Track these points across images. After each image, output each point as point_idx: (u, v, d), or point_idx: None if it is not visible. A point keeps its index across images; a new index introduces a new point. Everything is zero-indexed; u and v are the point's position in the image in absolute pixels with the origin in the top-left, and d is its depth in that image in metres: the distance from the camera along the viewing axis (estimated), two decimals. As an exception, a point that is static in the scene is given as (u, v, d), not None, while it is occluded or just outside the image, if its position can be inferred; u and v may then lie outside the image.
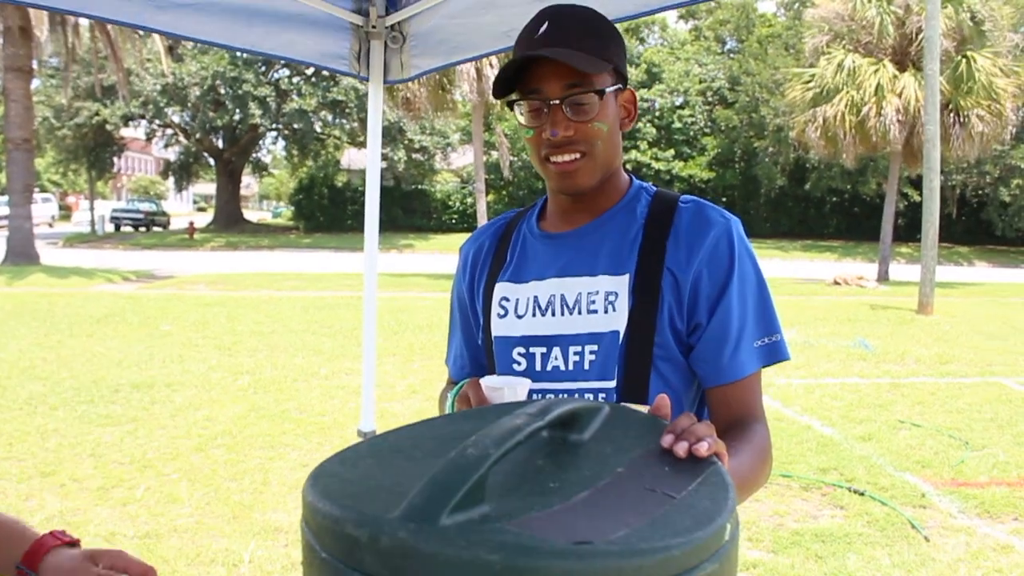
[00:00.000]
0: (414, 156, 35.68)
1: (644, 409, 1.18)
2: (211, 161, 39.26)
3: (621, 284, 1.51)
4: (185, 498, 5.12)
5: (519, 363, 1.58)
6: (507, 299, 1.62)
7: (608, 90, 1.49)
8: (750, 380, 1.48)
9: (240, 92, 31.71)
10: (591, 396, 1.49)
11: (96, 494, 5.16)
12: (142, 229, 39.03)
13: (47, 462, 5.74)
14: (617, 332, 1.50)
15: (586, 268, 1.55)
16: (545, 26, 1.50)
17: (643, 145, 36.58)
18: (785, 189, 36.77)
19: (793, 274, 22.82)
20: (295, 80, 33.18)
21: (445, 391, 1.73)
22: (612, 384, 1.49)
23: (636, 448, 1.00)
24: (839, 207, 37.65)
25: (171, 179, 43.19)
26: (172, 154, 40.84)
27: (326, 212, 37.59)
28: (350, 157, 40.32)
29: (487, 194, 29.09)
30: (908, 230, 32.78)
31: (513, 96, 1.53)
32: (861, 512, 5.03)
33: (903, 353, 10.76)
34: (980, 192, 35.60)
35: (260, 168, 43.39)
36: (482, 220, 22.66)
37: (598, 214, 1.58)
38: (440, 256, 28.56)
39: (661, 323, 1.49)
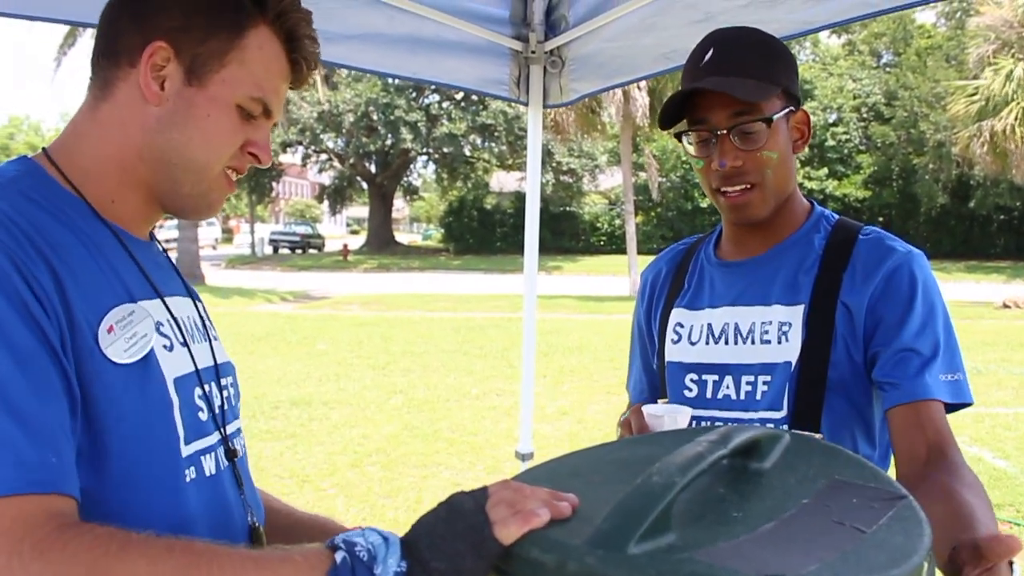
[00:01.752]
0: (562, 178, 35.87)
1: (817, 437, 1.14)
2: (364, 185, 40.56)
3: (795, 315, 1.48)
4: (342, 513, 5.28)
5: (691, 389, 1.57)
6: (682, 325, 1.62)
7: (776, 116, 1.46)
8: (939, 407, 1.37)
9: (392, 117, 32.66)
10: (760, 426, 1.45)
11: (259, 507, 5.40)
12: (299, 251, 40.71)
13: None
14: (789, 363, 1.47)
15: (760, 298, 1.53)
16: (711, 53, 1.49)
17: (796, 165, 35.65)
18: (947, 207, 35.04)
19: (957, 296, 21.69)
20: (445, 105, 33.93)
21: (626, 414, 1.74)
22: (782, 415, 1.46)
23: (820, 478, 0.97)
24: (1007, 225, 35.57)
25: (325, 203, 44.81)
26: (327, 178, 42.37)
27: (475, 234, 38.21)
28: (499, 180, 40.90)
29: (636, 215, 29.00)
30: (1086, 251, 30.72)
31: (681, 127, 1.51)
32: None
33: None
34: None
35: (411, 191, 44.56)
36: (631, 242, 22.53)
37: (775, 242, 1.56)
38: (588, 278, 28.55)
39: (836, 355, 1.45)
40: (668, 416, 1.38)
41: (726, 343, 1.55)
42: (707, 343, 1.57)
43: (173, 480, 1.02)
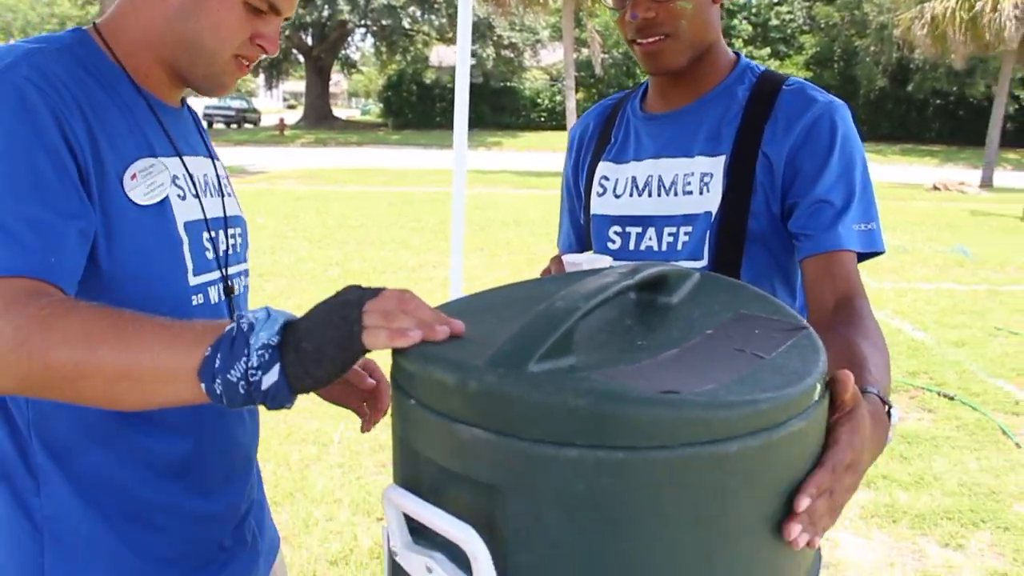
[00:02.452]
0: (503, 53, 35.19)
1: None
2: (300, 58, 39.35)
3: (717, 165, 1.49)
4: (278, 381, 5.30)
5: (614, 241, 1.58)
6: (607, 178, 1.62)
7: None
8: (851, 257, 1.40)
9: (329, -13, 31.59)
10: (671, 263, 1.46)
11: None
12: (234, 126, 39.56)
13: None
14: (710, 213, 1.48)
15: (684, 149, 1.53)
16: None
17: (738, 43, 35.37)
18: (886, 90, 35.29)
19: (891, 179, 22.04)
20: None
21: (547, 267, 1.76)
22: (703, 264, 1.48)
23: (725, 312, 0.98)
24: (943, 110, 36.02)
25: (261, 76, 43.51)
26: (262, 50, 40.98)
27: (415, 109, 37.55)
28: (439, 54, 39.99)
29: (577, 92, 28.71)
30: (1017, 136, 31.33)
31: None
32: (950, 416, 4.95)
33: (1004, 260, 10.38)
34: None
35: (349, 65, 43.33)
36: (571, 118, 22.36)
37: (699, 94, 1.55)
38: (528, 154, 28.37)
39: (755, 206, 1.46)
40: (587, 263, 1.38)
41: (649, 195, 1.55)
42: (631, 195, 1.58)
43: (183, 302, 1.22)
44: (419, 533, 0.88)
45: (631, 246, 1.56)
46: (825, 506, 0.85)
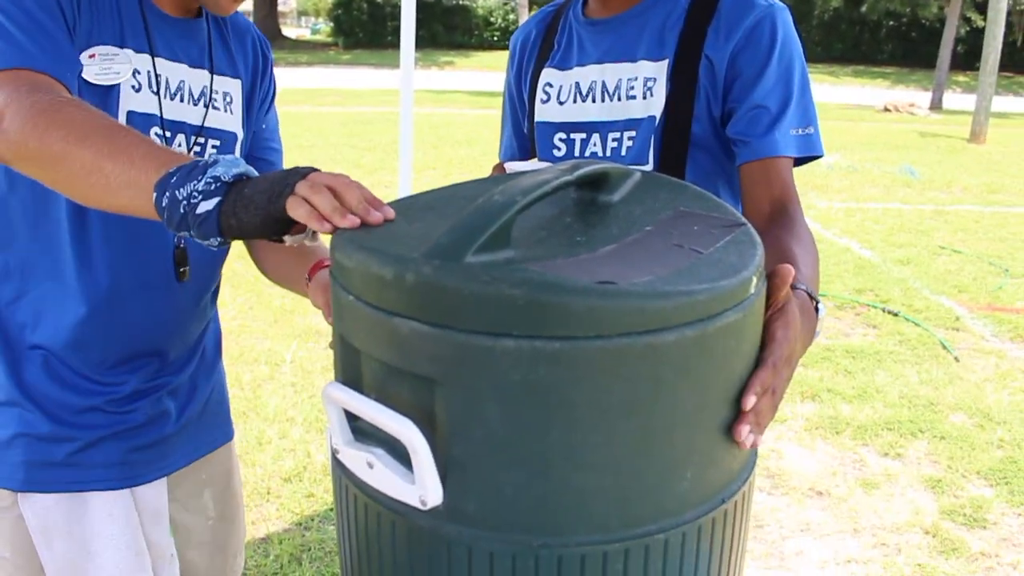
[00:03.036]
0: (455, -31, 34.47)
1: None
2: (247, -28, 38.17)
3: (660, 69, 1.46)
4: (229, 302, 5.25)
5: (559, 148, 1.56)
6: (550, 85, 1.59)
7: None
8: (787, 163, 1.40)
9: None
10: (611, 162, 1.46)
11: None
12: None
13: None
14: (654, 118, 1.46)
15: (627, 54, 1.50)
16: None
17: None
18: (840, 11, 35.14)
19: (843, 100, 22.13)
20: None
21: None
22: (648, 168, 1.46)
23: (665, 210, 0.98)
24: (896, 31, 36.04)
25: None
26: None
27: (365, 28, 36.65)
28: (390, -30, 39.02)
29: (530, 9, 28.17)
30: (967, 58, 31.43)
31: None
32: (893, 332, 5.06)
33: (950, 181, 10.54)
34: (1048, 18, 33.83)
35: (298, -20, 42.10)
36: (524, 38, 22.03)
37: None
38: (481, 74, 27.97)
39: (698, 109, 1.44)
40: (531, 170, 1.38)
41: (593, 101, 1.53)
42: (575, 102, 1.55)
43: None
44: (360, 431, 0.88)
45: (576, 152, 1.55)
46: (768, 403, 0.87)
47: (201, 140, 1.38)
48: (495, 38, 37.51)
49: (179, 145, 1.34)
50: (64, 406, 1.33)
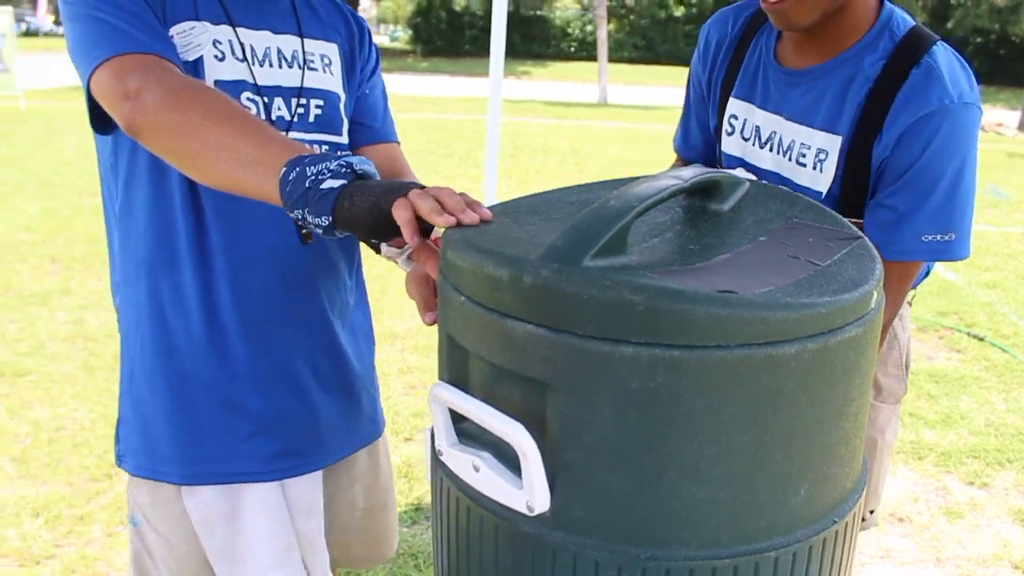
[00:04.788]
0: (535, -20, 34.59)
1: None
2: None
3: (833, 144, 1.42)
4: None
5: None
6: (735, 118, 1.58)
7: None
8: (898, 266, 1.37)
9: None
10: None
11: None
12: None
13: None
14: (820, 194, 1.44)
15: (805, 117, 1.47)
16: None
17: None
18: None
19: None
20: None
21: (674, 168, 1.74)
22: None
23: (778, 220, 0.97)
24: (983, 48, 35.07)
25: None
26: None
27: (443, 36, 36.98)
28: (471, -21, 39.31)
29: (608, 22, 28.17)
30: (1058, 77, 30.50)
31: None
32: (979, 357, 4.91)
33: (1041, 203, 10.22)
34: None
35: (378, -12, 42.64)
36: (602, 49, 21.97)
37: (831, 54, 1.44)
38: (557, 84, 27.96)
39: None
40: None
41: (771, 150, 1.52)
42: (754, 144, 1.55)
43: None
44: (464, 433, 0.88)
45: None
46: None
47: (303, 101, 1.40)
48: (572, 49, 37.54)
49: (279, 108, 1.37)
50: (215, 401, 1.35)
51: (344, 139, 1.46)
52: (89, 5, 1.20)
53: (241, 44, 1.33)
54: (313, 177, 0.97)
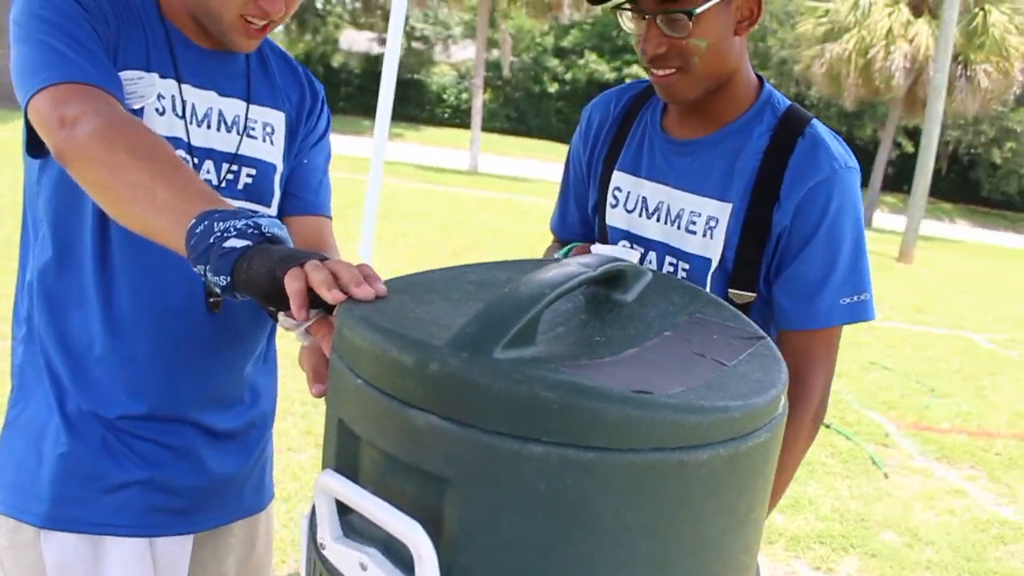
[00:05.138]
0: (414, 45, 34.93)
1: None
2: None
3: (723, 212, 1.46)
4: None
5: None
6: (619, 190, 1.58)
7: (704, 7, 1.36)
8: (823, 333, 1.44)
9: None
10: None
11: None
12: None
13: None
14: (709, 260, 1.46)
15: (694, 186, 1.49)
16: None
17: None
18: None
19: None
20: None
21: (551, 249, 1.71)
22: None
23: (681, 314, 0.95)
24: (832, 149, 37.51)
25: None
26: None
27: (317, 92, 36.86)
28: (349, 38, 39.31)
29: (484, 91, 28.66)
30: (895, 180, 32.63)
31: (616, 2, 1.43)
32: (825, 444, 5.09)
33: (880, 298, 10.60)
34: (972, 151, 35.40)
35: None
36: (476, 117, 22.28)
37: (717, 126, 1.49)
38: (430, 149, 28.15)
39: (764, 262, 1.46)
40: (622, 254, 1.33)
41: (658, 220, 1.52)
42: (640, 215, 1.55)
43: None
44: (351, 526, 0.81)
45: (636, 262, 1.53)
46: None
47: (235, 168, 1.37)
48: (446, 115, 37.94)
49: (207, 172, 1.34)
50: (93, 445, 1.30)
51: (272, 211, 1.44)
52: (42, 30, 1.19)
53: (183, 101, 1.32)
54: (219, 233, 0.93)
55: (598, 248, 1.36)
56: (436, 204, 13.93)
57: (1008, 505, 4.51)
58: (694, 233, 1.48)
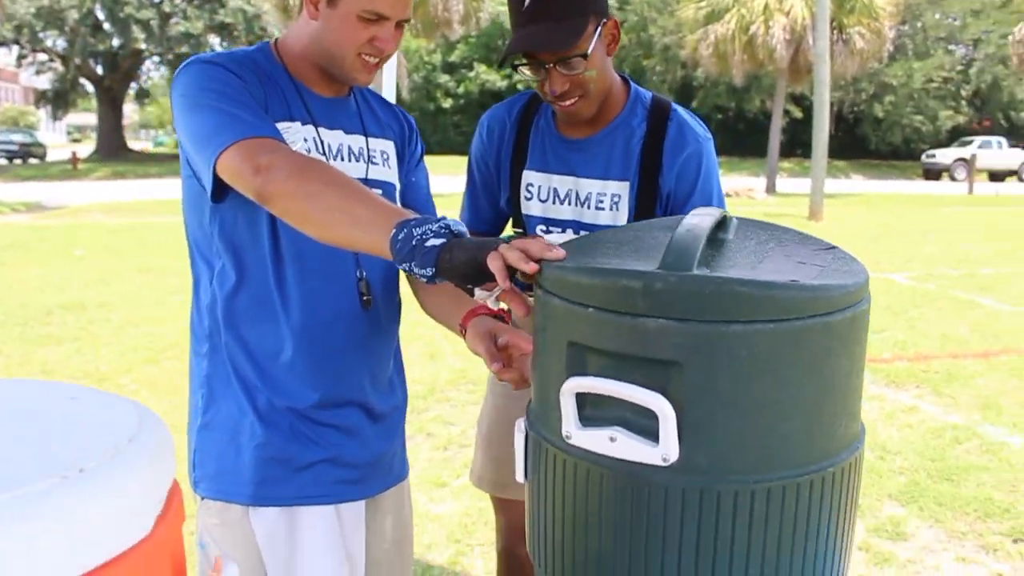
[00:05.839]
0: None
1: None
2: (89, 89, 37.49)
3: (623, 188, 1.90)
4: (150, 405, 5.23)
5: (542, 235, 1.96)
6: (532, 185, 1.98)
7: (592, 46, 1.76)
8: None
9: (122, 15, 30.24)
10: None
11: (60, 407, 5.22)
12: (17, 161, 37.06)
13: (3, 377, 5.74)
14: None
15: (596, 172, 1.93)
16: (528, 2, 1.77)
17: (534, 66, 36.61)
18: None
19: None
20: (179, 2, 31.81)
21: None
22: None
23: (770, 241, 1.28)
24: (724, 124, 38.60)
25: (43, 108, 41.04)
26: (43, 82, 38.70)
27: (216, 140, 36.42)
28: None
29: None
30: (788, 146, 33.92)
31: (516, 62, 1.84)
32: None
33: (802, 256, 11.42)
34: (856, 109, 37.05)
35: (143, 95, 41.42)
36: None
37: (603, 125, 1.93)
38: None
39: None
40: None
41: (569, 204, 1.95)
42: (552, 203, 1.96)
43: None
44: (588, 418, 1.12)
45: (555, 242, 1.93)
46: None
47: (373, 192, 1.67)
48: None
49: None
50: (284, 433, 1.57)
51: None
52: (212, 99, 1.47)
53: (322, 141, 1.62)
54: (419, 236, 1.22)
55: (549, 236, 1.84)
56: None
57: (955, 413, 5.08)
58: (603, 209, 1.91)
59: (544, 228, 1.97)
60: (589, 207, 1.92)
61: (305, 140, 1.59)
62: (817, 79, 16.40)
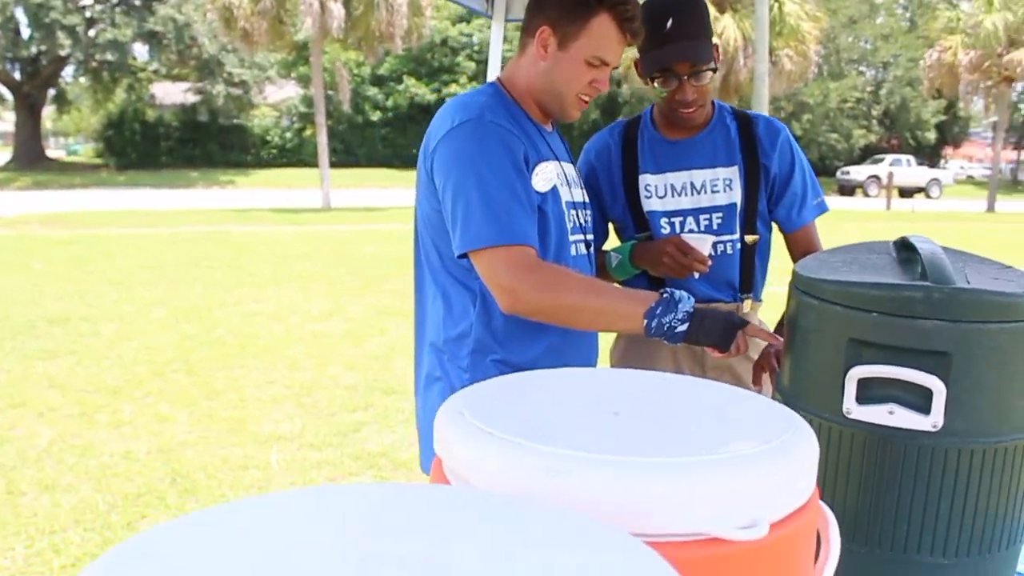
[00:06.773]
0: (231, 90, 34.59)
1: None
2: (6, 95, 36.49)
3: (733, 172, 2.29)
4: (175, 417, 5.36)
5: (665, 228, 2.31)
6: (650, 186, 2.32)
7: (717, 63, 2.19)
8: (812, 224, 2.36)
9: (46, 20, 29.64)
10: (722, 246, 2.29)
11: (81, 420, 5.30)
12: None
13: (9, 394, 5.78)
14: (735, 204, 2.29)
15: (706, 163, 2.30)
16: (671, 22, 2.12)
17: (463, 79, 37.01)
18: (599, 123, 38.20)
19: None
20: (104, 8, 31.25)
21: (601, 254, 2.34)
22: (735, 237, 2.29)
23: (958, 262, 1.63)
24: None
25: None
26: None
27: (138, 149, 35.79)
28: (164, 90, 38.45)
29: (305, 129, 28.61)
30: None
31: (655, 74, 2.18)
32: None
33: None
34: (774, 126, 38.27)
35: (64, 102, 40.42)
36: (324, 154, 22.45)
37: (702, 127, 2.32)
38: (267, 192, 28.02)
39: (762, 195, 2.31)
40: (702, 240, 2.15)
41: (685, 195, 2.30)
42: (672, 197, 2.31)
43: (568, 251, 1.92)
44: (862, 398, 1.46)
45: (677, 230, 2.32)
46: None
47: (584, 212, 2.02)
48: (272, 155, 37.62)
49: (573, 218, 1.94)
50: None
51: (590, 236, 2.07)
52: (483, 181, 1.71)
53: (564, 173, 1.93)
54: (668, 326, 1.68)
55: (688, 237, 2.15)
56: (324, 243, 14.25)
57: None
58: (718, 191, 2.29)
59: (667, 220, 2.30)
60: (706, 192, 2.28)
61: (558, 176, 1.88)
62: (756, 99, 17.07)
